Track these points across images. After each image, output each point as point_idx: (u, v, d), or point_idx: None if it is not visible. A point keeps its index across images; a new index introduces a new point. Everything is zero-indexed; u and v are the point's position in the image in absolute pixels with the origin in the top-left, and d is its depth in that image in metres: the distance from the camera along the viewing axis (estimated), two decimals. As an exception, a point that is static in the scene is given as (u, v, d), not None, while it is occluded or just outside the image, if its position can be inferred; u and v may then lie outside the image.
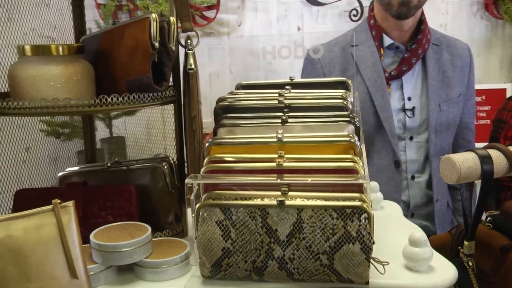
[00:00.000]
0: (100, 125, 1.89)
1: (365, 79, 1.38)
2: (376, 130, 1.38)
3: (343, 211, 0.70)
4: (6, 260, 0.69)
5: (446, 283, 0.75)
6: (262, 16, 2.08)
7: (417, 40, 1.38)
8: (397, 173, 1.38)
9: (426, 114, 1.39)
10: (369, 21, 1.44)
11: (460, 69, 1.45)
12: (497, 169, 0.78)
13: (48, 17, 1.45)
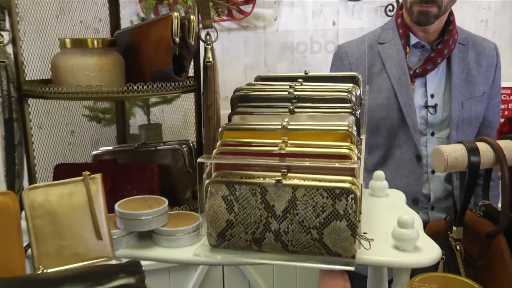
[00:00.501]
0: (139, 112, 2.04)
1: (390, 76, 1.46)
2: (399, 125, 1.46)
3: (333, 191, 0.80)
4: (44, 219, 0.83)
5: (429, 262, 0.84)
6: (298, 10, 2.18)
7: (443, 40, 1.44)
8: (419, 167, 1.45)
9: (448, 111, 1.45)
10: (397, 19, 1.51)
11: (486, 68, 1.50)
12: (483, 161, 0.86)
13: (94, 11, 1.61)
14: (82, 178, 0.87)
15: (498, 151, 0.86)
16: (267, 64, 2.20)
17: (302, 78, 1.09)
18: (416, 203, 1.45)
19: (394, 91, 1.44)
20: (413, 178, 1.44)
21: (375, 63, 1.50)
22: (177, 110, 1.99)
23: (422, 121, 1.46)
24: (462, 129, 1.45)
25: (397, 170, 1.47)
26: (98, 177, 0.88)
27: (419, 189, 1.44)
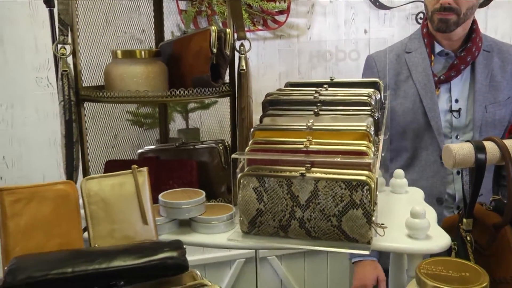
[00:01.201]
0: (178, 117, 2.21)
1: (416, 83, 1.57)
2: (424, 128, 1.56)
3: (350, 183, 0.92)
4: (98, 206, 0.99)
5: (439, 249, 0.95)
6: (330, 19, 2.30)
7: (466, 48, 1.55)
8: (443, 168, 1.55)
9: (472, 115, 1.55)
10: (422, 29, 1.63)
11: (511, 73, 1.59)
12: (489, 158, 0.96)
13: (138, 21, 1.78)
14: (131, 170, 1.02)
15: (503, 149, 0.96)
16: (301, 71, 2.33)
17: (328, 84, 1.22)
18: (440, 203, 1.55)
19: (420, 97, 1.55)
20: (437, 179, 1.54)
21: (402, 71, 1.61)
22: (214, 115, 2.15)
23: (447, 125, 1.56)
24: (486, 132, 1.54)
25: (423, 171, 1.58)
26: (145, 170, 1.03)
27: (443, 189, 1.54)
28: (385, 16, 2.33)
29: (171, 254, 0.80)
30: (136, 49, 1.12)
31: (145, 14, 1.79)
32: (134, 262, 0.78)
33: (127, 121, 1.94)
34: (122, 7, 1.71)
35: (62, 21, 1.09)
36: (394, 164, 1.61)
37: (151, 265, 0.78)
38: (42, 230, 0.93)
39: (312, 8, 2.27)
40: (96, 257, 0.79)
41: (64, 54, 1.09)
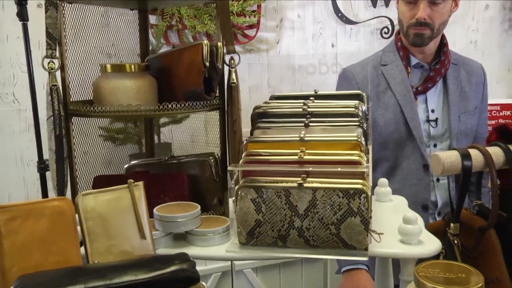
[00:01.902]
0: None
1: (395, 94, 1.64)
2: (406, 138, 1.64)
3: (347, 191, 0.96)
4: (95, 222, 0.98)
5: (431, 253, 0.99)
6: (299, 34, 2.36)
7: (440, 61, 1.64)
8: (426, 175, 1.63)
9: (447, 124, 1.64)
10: (397, 43, 1.70)
11: (476, 85, 1.69)
12: (475, 164, 1.02)
13: (107, 36, 1.77)
14: (126, 185, 1.02)
15: (487, 156, 1.02)
16: (270, 85, 2.37)
17: (313, 96, 1.26)
18: (426, 209, 1.62)
19: (400, 107, 1.62)
20: (421, 186, 1.61)
21: (380, 83, 1.68)
22: (185, 130, 2.15)
23: (425, 134, 1.64)
24: (460, 140, 1.63)
25: (406, 179, 1.64)
26: (141, 184, 1.03)
27: (427, 195, 1.61)
28: (351, 31, 2.42)
29: (181, 267, 0.81)
30: (125, 63, 1.13)
31: (115, 29, 1.78)
32: (146, 276, 0.79)
33: (100, 136, 1.92)
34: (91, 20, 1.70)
35: (50, 35, 1.09)
36: (374, 174, 1.67)
37: (164, 278, 0.79)
38: (39, 248, 0.91)
39: (281, 23, 2.33)
40: (105, 273, 0.79)
41: (53, 68, 1.08)
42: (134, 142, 2.08)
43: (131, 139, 2.07)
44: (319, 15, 2.37)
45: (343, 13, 2.38)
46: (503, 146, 1.05)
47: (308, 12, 2.36)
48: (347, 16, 2.39)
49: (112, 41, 1.84)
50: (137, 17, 1.48)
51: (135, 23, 1.56)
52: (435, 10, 1.56)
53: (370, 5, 2.41)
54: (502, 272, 1.01)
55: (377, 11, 2.43)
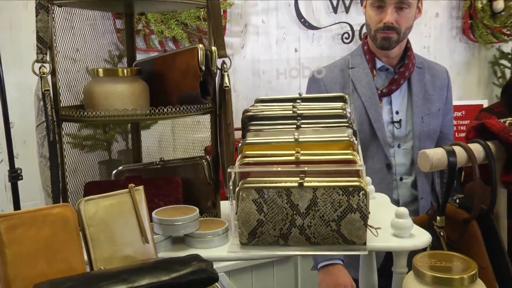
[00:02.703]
0: (118, 138, 2.17)
1: (361, 96, 1.71)
2: (370, 138, 1.70)
3: (347, 189, 1.00)
4: (98, 227, 0.97)
5: (423, 244, 1.05)
6: (263, 39, 2.41)
7: (404, 64, 1.72)
8: (389, 174, 1.70)
9: (411, 125, 1.72)
10: (363, 47, 1.78)
11: (439, 88, 1.79)
12: (459, 160, 1.10)
13: (72, 41, 1.74)
14: (127, 190, 1.02)
15: (469, 152, 1.10)
16: (236, 89, 2.40)
17: (298, 99, 1.30)
18: None
19: (365, 109, 1.69)
20: (384, 185, 1.68)
21: (347, 85, 1.74)
22: (153, 135, 2.14)
23: (390, 135, 1.71)
24: (423, 141, 1.72)
25: (370, 178, 1.71)
26: (141, 188, 1.03)
27: (390, 194, 1.68)
28: (314, 36, 2.49)
29: (200, 267, 0.83)
30: (118, 67, 1.12)
31: (79, 34, 1.76)
32: (168, 277, 0.79)
33: (67, 144, 1.88)
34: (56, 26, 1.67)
35: (41, 39, 1.07)
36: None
37: (185, 279, 0.80)
38: (44, 257, 0.89)
39: (246, 28, 2.36)
40: (125, 276, 0.79)
41: (45, 73, 1.06)
42: (104, 149, 2.05)
43: (100, 146, 2.04)
44: (282, 20, 2.43)
45: (306, 19, 2.45)
46: (482, 142, 1.13)
47: (272, 18, 2.41)
48: (310, 22, 2.46)
49: (77, 46, 1.81)
50: (104, 20, 1.47)
51: (103, 27, 1.55)
52: (401, 15, 1.64)
53: (331, 11, 2.49)
54: (485, 260, 1.09)
55: (338, 17, 2.52)
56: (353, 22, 2.54)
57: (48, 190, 1.06)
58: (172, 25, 2.10)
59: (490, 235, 1.11)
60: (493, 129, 1.13)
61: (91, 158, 2.03)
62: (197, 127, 1.72)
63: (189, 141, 1.73)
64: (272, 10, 2.41)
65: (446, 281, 0.90)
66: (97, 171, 2.04)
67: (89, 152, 2.04)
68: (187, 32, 2.16)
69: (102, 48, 1.58)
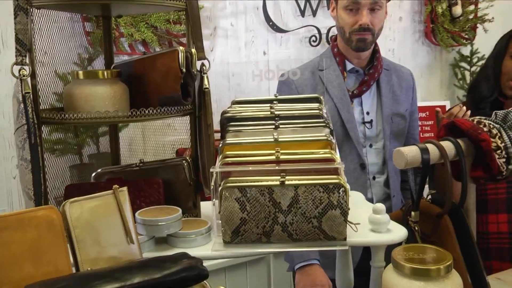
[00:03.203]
0: (90, 142, 2.16)
1: (332, 97, 1.76)
2: (343, 138, 1.76)
3: (327, 186, 1.04)
4: (83, 229, 0.98)
5: (400, 238, 1.11)
6: (232, 42, 2.44)
7: (373, 66, 1.78)
8: (363, 174, 1.76)
9: (381, 126, 1.78)
10: (333, 49, 1.83)
11: (406, 89, 1.87)
12: (432, 157, 1.16)
13: (40, 44, 1.73)
14: (111, 191, 1.03)
15: (441, 149, 1.16)
16: (205, 91, 2.42)
17: (274, 100, 1.33)
18: None
19: (337, 110, 1.74)
20: (358, 185, 1.74)
21: (318, 87, 1.79)
22: (123, 139, 2.14)
23: (361, 135, 1.77)
24: (393, 140, 1.79)
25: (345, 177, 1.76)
26: (125, 189, 1.04)
27: (364, 193, 1.74)
28: (282, 39, 2.54)
29: (191, 264, 0.85)
30: (98, 69, 1.13)
31: (47, 37, 1.75)
32: (160, 274, 0.81)
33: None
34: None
35: (21, 41, 1.07)
36: None
37: (177, 276, 0.82)
38: (30, 259, 0.89)
39: (215, 31, 2.39)
40: (118, 275, 0.80)
41: (25, 75, 1.06)
42: (74, 153, 2.04)
43: (71, 150, 2.02)
44: (251, 23, 2.47)
45: (274, 22, 2.50)
46: (453, 140, 1.19)
47: (241, 21, 2.45)
48: (278, 25, 2.51)
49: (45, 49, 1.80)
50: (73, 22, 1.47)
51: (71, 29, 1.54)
52: (375, 16, 1.70)
53: (298, 15, 2.55)
54: (457, 252, 1.15)
55: (305, 20, 2.57)
56: (320, 25, 2.60)
57: (30, 193, 1.06)
58: (142, 28, 2.10)
59: (461, 228, 1.18)
60: (463, 127, 1.20)
61: (61, 163, 2.01)
62: (167, 130, 1.73)
63: (159, 144, 1.74)
64: (241, 13, 2.45)
65: (424, 272, 0.95)
66: (68, 175, 2.02)
67: (60, 157, 2.02)
68: (157, 35, 2.17)
69: (71, 51, 1.58)
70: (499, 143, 1.18)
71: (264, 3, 2.47)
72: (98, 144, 2.15)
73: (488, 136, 1.19)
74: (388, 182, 1.79)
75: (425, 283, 0.95)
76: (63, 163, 2.04)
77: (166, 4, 1.14)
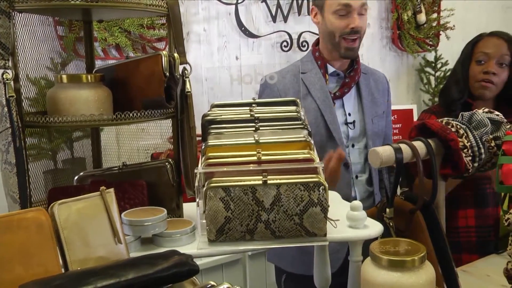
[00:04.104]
0: (63, 147, 2.15)
1: (315, 99, 1.82)
2: (327, 139, 1.81)
3: (308, 185, 1.10)
4: (71, 230, 1.00)
5: (376, 233, 1.17)
6: (205, 47, 2.48)
7: (354, 69, 1.86)
8: (347, 173, 1.82)
9: (363, 126, 1.86)
10: (314, 53, 1.89)
11: (382, 92, 1.95)
12: (405, 157, 1.23)
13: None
14: (98, 193, 1.06)
15: (413, 149, 1.24)
16: (179, 96, 2.45)
17: (253, 104, 1.38)
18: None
19: (321, 112, 1.80)
20: (343, 183, 1.80)
21: (301, 89, 1.85)
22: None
23: (344, 136, 1.84)
24: (374, 141, 1.86)
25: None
26: (112, 191, 1.07)
27: (349, 191, 1.81)
28: (254, 44, 2.60)
29: (182, 260, 0.89)
30: (81, 73, 1.16)
31: (18, 39, 1.75)
32: (153, 270, 0.85)
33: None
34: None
35: (3, 45, 1.08)
36: None
37: (171, 272, 0.86)
38: (19, 261, 0.91)
39: (188, 36, 2.43)
40: (113, 272, 0.84)
41: (9, 79, 1.08)
42: (49, 158, 2.03)
43: (45, 155, 2.02)
44: (223, 29, 2.52)
45: (246, 27, 2.55)
46: (424, 140, 1.27)
47: (213, 26, 2.49)
48: (250, 30, 2.57)
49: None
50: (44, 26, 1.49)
51: (43, 33, 1.55)
52: (362, 20, 1.78)
53: (270, 20, 2.61)
54: (429, 245, 1.22)
55: (276, 26, 2.64)
56: (291, 31, 2.67)
57: (15, 196, 1.07)
58: (116, 33, 2.12)
59: (432, 223, 1.25)
60: (433, 128, 1.27)
61: (35, 168, 2.01)
62: (142, 135, 1.76)
63: (134, 148, 1.77)
64: (213, 18, 2.50)
65: (400, 263, 1.02)
66: (42, 180, 2.01)
67: (33, 162, 2.02)
68: (131, 40, 2.19)
69: (43, 55, 1.59)
70: (465, 143, 1.26)
71: (236, 8, 2.52)
72: (72, 149, 2.15)
73: (456, 136, 1.27)
74: (371, 180, 1.87)
75: (401, 273, 1.01)
76: (37, 168, 2.03)
77: (149, 9, 1.18)
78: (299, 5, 2.69)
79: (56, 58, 2.14)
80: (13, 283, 0.89)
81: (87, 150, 2.35)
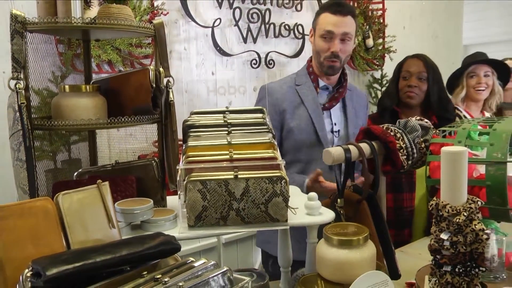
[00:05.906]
0: (62, 149, 2.18)
1: (308, 109, 1.89)
2: (315, 144, 1.88)
3: (272, 178, 1.17)
4: (72, 217, 1.05)
5: (329, 219, 1.24)
6: (185, 63, 2.54)
7: (342, 86, 1.94)
8: (331, 174, 1.88)
9: (346, 135, 1.93)
10: (308, 69, 1.96)
11: (363, 107, 2.05)
12: (353, 156, 1.32)
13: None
14: (96, 185, 1.11)
15: (360, 149, 1.33)
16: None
17: (226, 111, 1.45)
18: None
19: (311, 119, 1.87)
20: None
21: (295, 99, 1.92)
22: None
23: (330, 141, 1.91)
24: None
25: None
26: (107, 184, 1.12)
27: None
28: (227, 62, 2.67)
29: (165, 239, 0.95)
30: (81, 84, 1.21)
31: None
32: (142, 247, 0.91)
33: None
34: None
35: (16, 60, 1.13)
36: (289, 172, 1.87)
37: (158, 249, 0.91)
38: (30, 242, 0.96)
39: (170, 54, 2.48)
40: (109, 249, 0.89)
41: (21, 88, 1.12)
42: (49, 159, 2.06)
43: (46, 156, 2.04)
44: (201, 48, 2.58)
45: (221, 47, 2.62)
46: (368, 142, 1.36)
47: (192, 46, 2.56)
48: (224, 50, 2.64)
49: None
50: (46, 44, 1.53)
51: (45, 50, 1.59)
52: (344, 45, 1.85)
53: (241, 41, 2.69)
54: (372, 229, 1.31)
55: (247, 46, 2.72)
56: (260, 50, 2.75)
57: (25, 188, 1.12)
58: (108, 50, 2.16)
59: (375, 210, 1.34)
60: (376, 132, 1.37)
61: (37, 167, 2.03)
62: (130, 139, 1.81)
63: (123, 151, 1.81)
64: (193, 39, 2.56)
65: (348, 242, 1.10)
66: (44, 178, 2.04)
67: (36, 162, 2.04)
68: (121, 57, 2.24)
69: (45, 69, 1.63)
70: (401, 144, 1.36)
71: (213, 31, 2.59)
72: (70, 151, 2.17)
73: (394, 138, 1.36)
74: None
75: (348, 250, 1.10)
76: (40, 167, 2.06)
77: (139, 31, 1.24)
78: (266, 29, 2.78)
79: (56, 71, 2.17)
80: (25, 260, 0.93)
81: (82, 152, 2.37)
